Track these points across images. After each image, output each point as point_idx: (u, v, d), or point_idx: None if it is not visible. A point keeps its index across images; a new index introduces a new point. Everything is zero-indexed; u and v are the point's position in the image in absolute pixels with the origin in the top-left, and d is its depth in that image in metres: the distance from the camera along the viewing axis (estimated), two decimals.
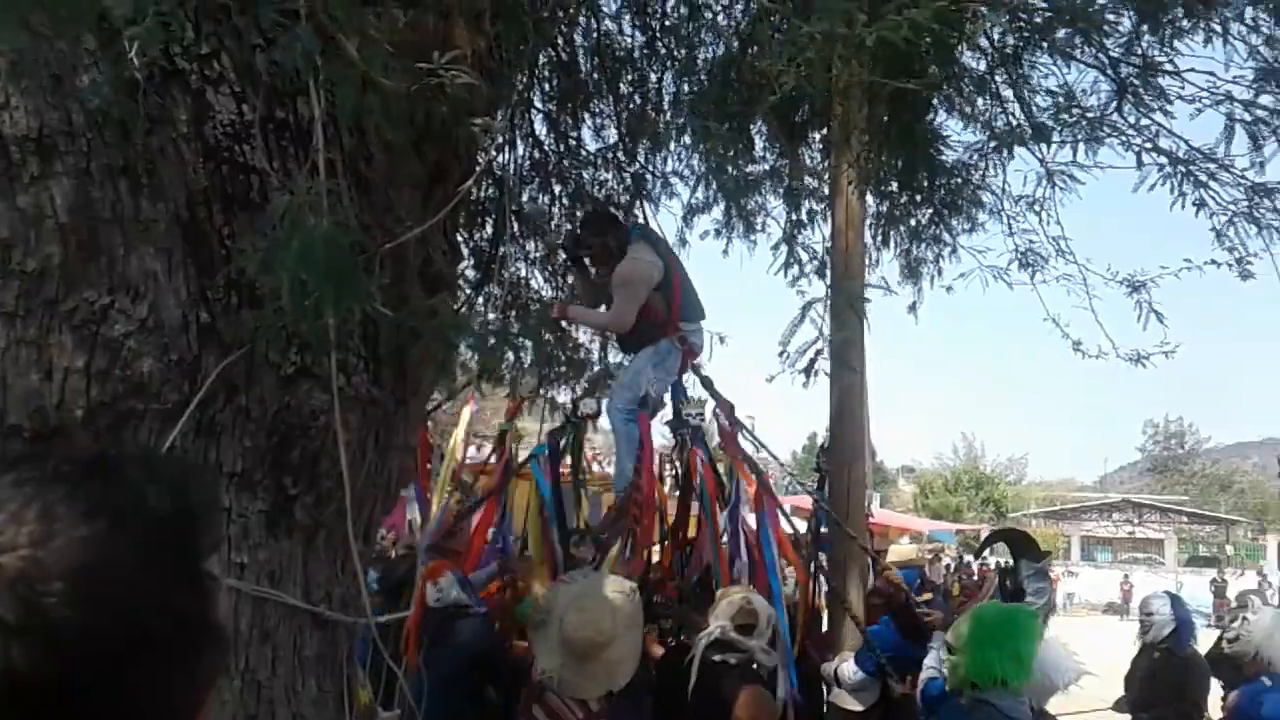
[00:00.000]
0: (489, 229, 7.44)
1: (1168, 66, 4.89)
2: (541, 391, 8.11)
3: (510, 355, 4.21)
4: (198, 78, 2.65)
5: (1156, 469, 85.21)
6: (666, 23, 7.14)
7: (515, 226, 7.12)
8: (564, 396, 8.42)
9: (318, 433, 2.82)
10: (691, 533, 7.47)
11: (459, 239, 5.44)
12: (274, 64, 2.53)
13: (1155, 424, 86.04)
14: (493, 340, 3.64)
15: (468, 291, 6.70)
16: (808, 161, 8.25)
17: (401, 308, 3.03)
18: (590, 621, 4.30)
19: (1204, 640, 7.45)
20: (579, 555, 6.67)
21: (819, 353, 7.34)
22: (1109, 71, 4.98)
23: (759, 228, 8.35)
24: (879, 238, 8.07)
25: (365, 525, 3.24)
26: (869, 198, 7.61)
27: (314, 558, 2.98)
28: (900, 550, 11.59)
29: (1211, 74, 4.95)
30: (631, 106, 7.82)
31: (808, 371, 7.47)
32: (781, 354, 7.53)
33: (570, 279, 7.69)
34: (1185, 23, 4.39)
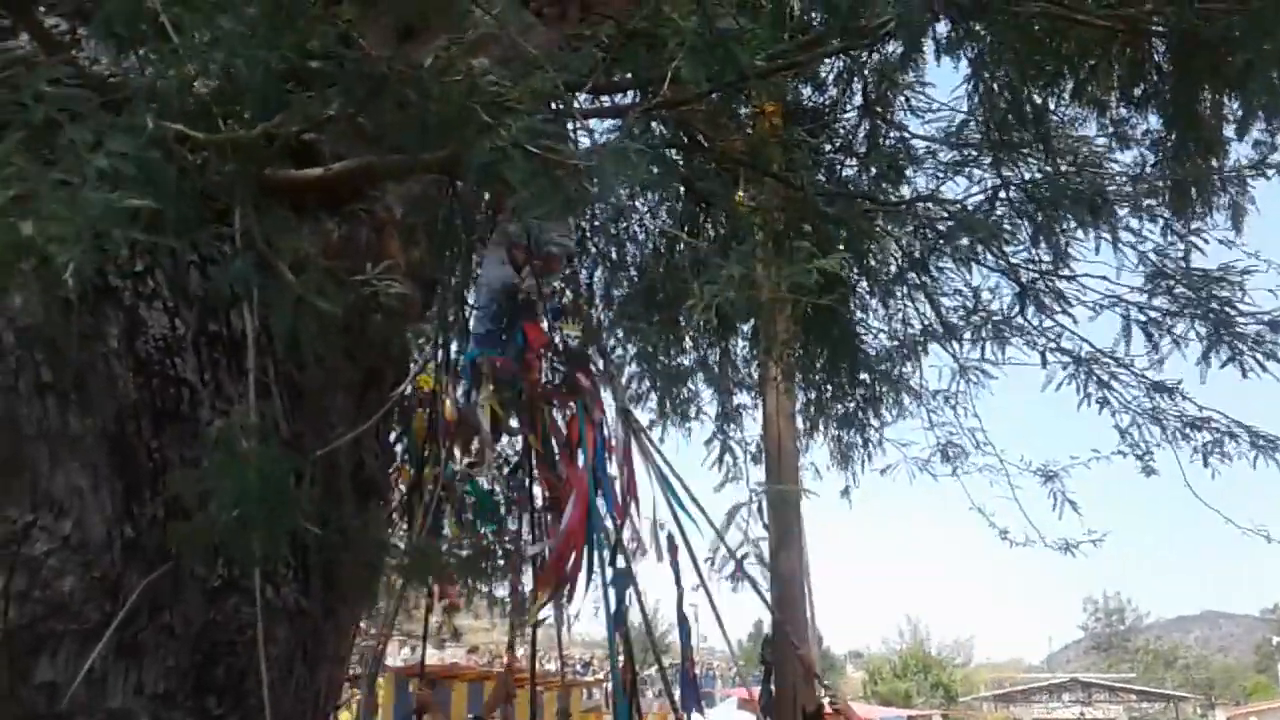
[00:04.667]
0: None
1: (1065, 272, 5.22)
2: (479, 588, 7.94)
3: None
4: (130, 294, 2.69)
5: (1100, 646, 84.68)
6: (595, 223, 7.44)
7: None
8: (502, 590, 8.26)
9: (244, 648, 2.74)
10: None
11: (391, 438, 5.45)
12: (209, 282, 2.59)
13: (1095, 601, 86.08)
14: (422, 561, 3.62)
15: (402, 490, 6.64)
16: (736, 354, 8.50)
17: (333, 515, 3.01)
18: None
19: None
20: None
21: (743, 558, 7.36)
22: (1010, 276, 5.29)
23: (693, 415, 8.49)
24: (809, 425, 8.24)
25: None
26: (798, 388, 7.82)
27: None
28: None
29: (1105, 278, 5.29)
30: (564, 302, 8.02)
31: (734, 578, 7.44)
32: (709, 561, 7.51)
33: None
34: (1078, 232, 4.71)
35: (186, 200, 1.97)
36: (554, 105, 2.04)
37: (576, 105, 2.30)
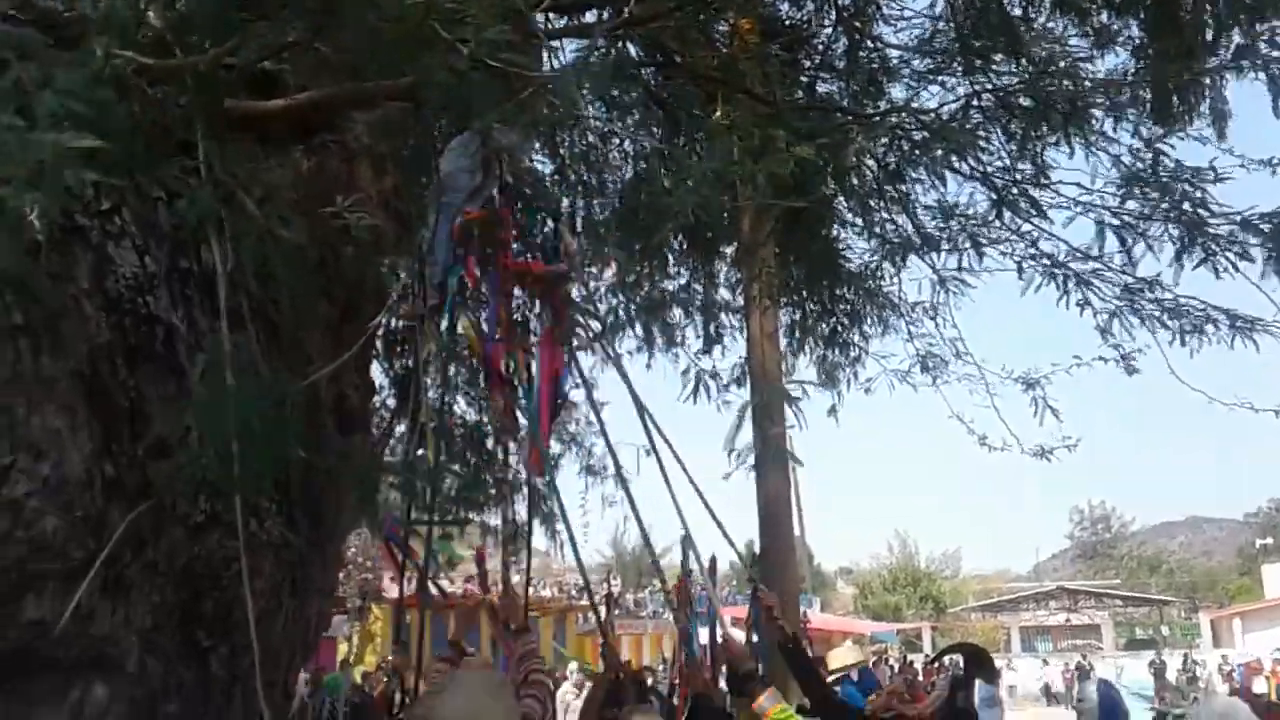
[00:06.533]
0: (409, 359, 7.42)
1: (1041, 179, 5.17)
2: (471, 517, 8.01)
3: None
4: (99, 233, 2.65)
5: (1086, 554, 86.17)
6: (576, 150, 7.35)
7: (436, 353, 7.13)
8: (495, 519, 8.34)
9: (230, 582, 2.76)
10: None
11: (380, 368, 5.43)
12: (177, 217, 2.56)
13: (1081, 510, 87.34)
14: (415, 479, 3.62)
15: (385, 417, 6.65)
16: (721, 276, 8.45)
17: (315, 448, 3.01)
18: None
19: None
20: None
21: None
22: (986, 184, 5.25)
23: (679, 341, 8.47)
24: (794, 346, 8.24)
25: (284, 675, 3.16)
26: (781, 309, 7.82)
27: (232, 714, 2.89)
28: (842, 655, 11.22)
29: (1078, 184, 5.24)
30: (545, 230, 7.95)
31: (758, 467, 7.65)
32: (731, 452, 7.73)
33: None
34: (1052, 137, 4.66)
35: (143, 136, 1.92)
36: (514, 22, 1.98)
37: (541, 24, 2.23)
